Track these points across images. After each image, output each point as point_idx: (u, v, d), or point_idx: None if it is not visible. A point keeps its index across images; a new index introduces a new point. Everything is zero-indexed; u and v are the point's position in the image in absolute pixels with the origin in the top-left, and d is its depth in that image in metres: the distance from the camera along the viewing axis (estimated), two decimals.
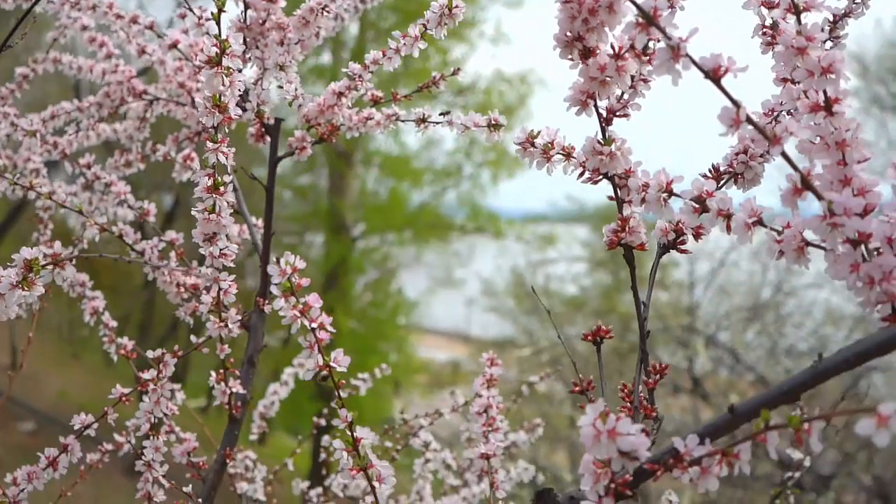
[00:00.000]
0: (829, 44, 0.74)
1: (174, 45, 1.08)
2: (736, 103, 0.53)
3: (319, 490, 1.43)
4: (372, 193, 11.67)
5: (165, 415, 1.01)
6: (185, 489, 0.95)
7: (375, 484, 0.68)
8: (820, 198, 0.53)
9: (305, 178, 11.69)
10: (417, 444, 1.38)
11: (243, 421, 1.05)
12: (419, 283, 11.98)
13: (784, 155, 0.54)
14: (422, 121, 0.99)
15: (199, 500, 0.97)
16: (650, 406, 0.67)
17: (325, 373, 0.66)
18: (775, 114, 0.72)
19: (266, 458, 1.58)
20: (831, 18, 0.74)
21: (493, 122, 0.88)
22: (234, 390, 1.00)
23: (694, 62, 0.52)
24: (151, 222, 1.13)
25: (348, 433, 0.68)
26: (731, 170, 0.71)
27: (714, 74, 0.53)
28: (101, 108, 1.24)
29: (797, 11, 0.57)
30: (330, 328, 0.65)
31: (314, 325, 0.65)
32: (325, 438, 1.26)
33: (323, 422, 1.54)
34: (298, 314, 0.64)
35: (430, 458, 1.35)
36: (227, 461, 1.02)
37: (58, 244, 0.75)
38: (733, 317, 6.61)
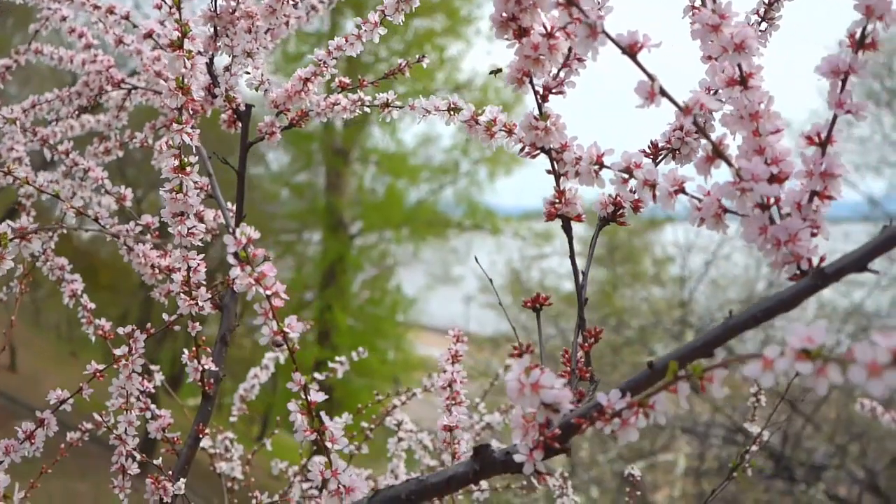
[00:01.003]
0: (763, 25, 0.78)
1: (149, 35, 1.11)
2: (651, 77, 0.56)
3: (296, 468, 1.47)
4: (369, 191, 11.72)
5: (141, 391, 1.04)
6: (156, 462, 0.99)
7: (328, 444, 0.71)
8: (730, 165, 0.57)
9: (302, 176, 11.74)
10: (391, 424, 1.42)
11: (216, 398, 1.09)
12: (417, 281, 12.02)
13: (696, 125, 0.57)
14: (385, 105, 1.03)
15: (171, 472, 1.01)
16: (586, 368, 0.70)
17: (279, 339, 0.70)
18: (711, 92, 0.75)
19: (264, 456, 1.61)
20: (766, 0, 0.78)
21: (452, 106, 0.92)
22: (206, 367, 1.04)
23: (611, 38, 0.56)
24: (128, 207, 1.17)
25: (303, 396, 0.71)
26: (668, 145, 0.75)
27: (630, 50, 0.56)
28: (81, 97, 1.27)
29: None
30: (284, 296, 0.69)
31: (269, 292, 0.68)
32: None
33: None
34: (254, 282, 0.68)
35: (402, 437, 1.39)
36: (200, 436, 1.06)
37: (24, 218, 0.78)
38: (726, 309, 6.65)
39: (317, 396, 0.72)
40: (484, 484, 1.32)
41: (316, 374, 1.43)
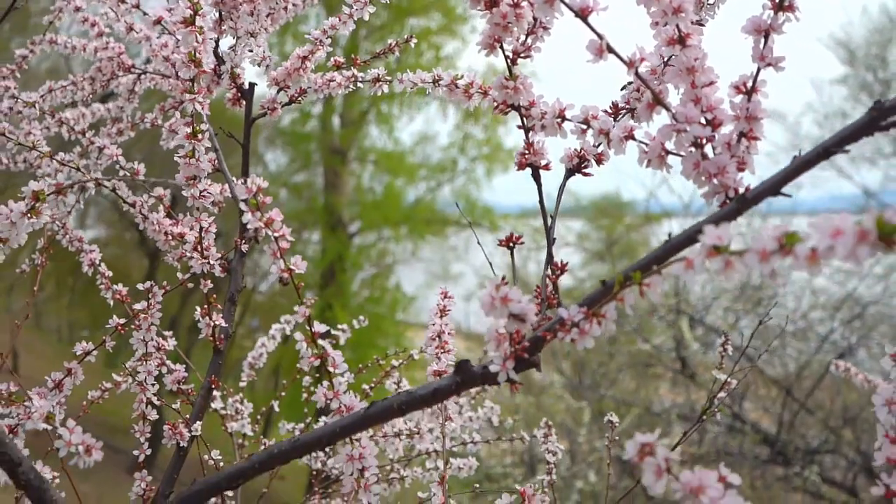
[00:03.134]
0: None
1: (158, 22, 1.21)
2: (600, 36, 0.66)
3: (301, 426, 1.57)
4: (367, 190, 11.82)
5: (157, 348, 1.14)
6: (174, 406, 1.08)
7: (331, 369, 0.81)
8: (668, 110, 0.67)
9: (301, 176, 11.84)
10: (391, 385, 1.52)
11: (226, 354, 1.18)
12: (416, 279, 12.11)
13: (638, 76, 0.67)
14: (376, 80, 1.12)
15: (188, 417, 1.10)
16: (554, 296, 0.80)
17: (286, 276, 0.79)
18: (664, 57, 0.85)
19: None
20: None
21: (436, 78, 1.01)
22: (217, 324, 1.13)
23: (565, 3, 0.66)
24: (141, 181, 1.26)
25: (307, 327, 0.81)
26: (627, 105, 0.84)
27: (582, 13, 0.66)
28: (94, 82, 1.37)
29: None
30: (289, 238, 0.79)
31: (277, 234, 0.78)
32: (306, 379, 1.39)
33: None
34: (263, 226, 0.78)
35: None
36: (213, 387, 1.15)
37: (59, 175, 0.88)
38: (721, 296, 6.76)
39: (320, 328, 0.81)
40: (476, 436, 1.42)
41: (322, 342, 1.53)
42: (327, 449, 1.49)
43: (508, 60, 0.77)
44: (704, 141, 0.66)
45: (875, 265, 7.99)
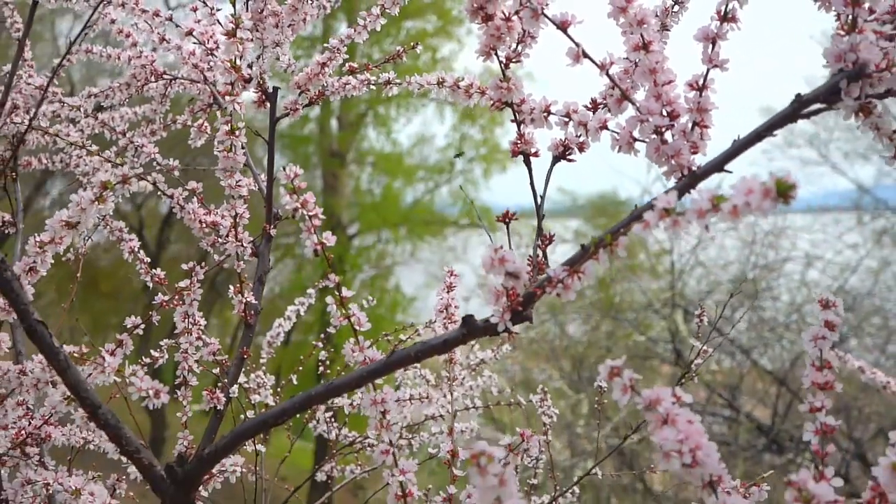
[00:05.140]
0: (675, 7, 1.02)
1: (190, 33, 1.35)
2: (577, 44, 0.81)
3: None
4: (366, 192, 11.96)
5: (193, 324, 1.28)
6: (214, 371, 1.23)
7: (356, 327, 0.95)
8: (633, 104, 0.81)
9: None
10: None
11: (255, 326, 1.33)
12: (415, 280, 12.25)
13: (609, 77, 0.81)
14: (388, 83, 1.27)
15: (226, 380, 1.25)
16: (543, 262, 0.95)
17: (318, 248, 0.94)
18: (632, 60, 0.99)
19: (269, 458, 1.82)
20: None
21: (440, 80, 1.16)
22: (248, 300, 1.28)
23: (548, 18, 0.80)
24: (175, 176, 1.41)
25: (337, 293, 0.96)
26: (604, 100, 0.99)
27: (563, 26, 0.81)
28: (129, 88, 1.51)
29: None
30: (321, 216, 0.93)
31: (311, 213, 0.92)
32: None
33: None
34: (300, 206, 0.92)
35: (407, 368, 1.63)
36: (245, 357, 1.30)
37: (126, 167, 1.02)
38: (715, 289, 6.91)
39: (347, 293, 0.96)
40: (479, 401, 1.57)
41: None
42: (346, 414, 1.63)
43: (502, 65, 0.92)
44: (664, 129, 0.81)
45: (866, 257, 8.15)
